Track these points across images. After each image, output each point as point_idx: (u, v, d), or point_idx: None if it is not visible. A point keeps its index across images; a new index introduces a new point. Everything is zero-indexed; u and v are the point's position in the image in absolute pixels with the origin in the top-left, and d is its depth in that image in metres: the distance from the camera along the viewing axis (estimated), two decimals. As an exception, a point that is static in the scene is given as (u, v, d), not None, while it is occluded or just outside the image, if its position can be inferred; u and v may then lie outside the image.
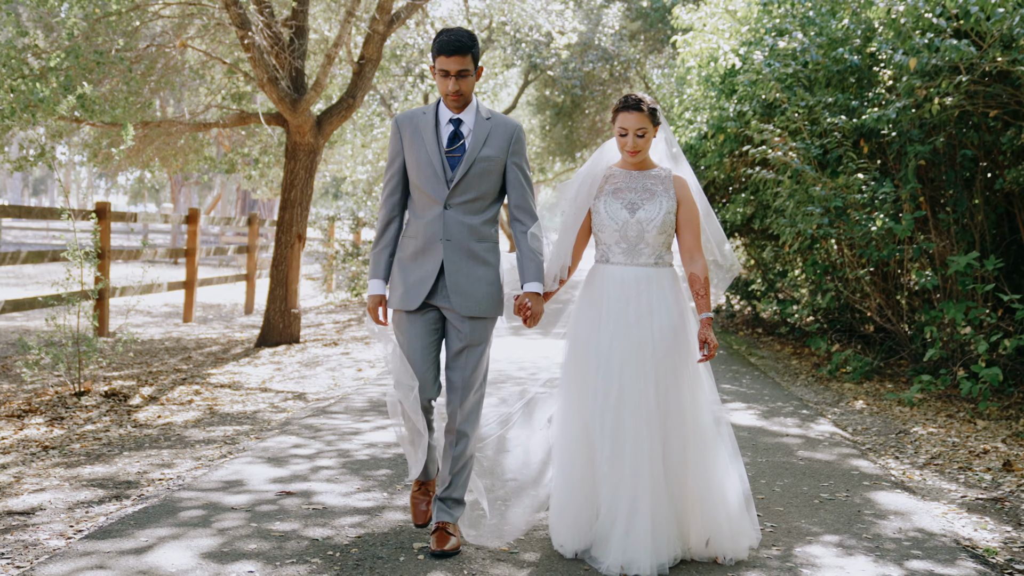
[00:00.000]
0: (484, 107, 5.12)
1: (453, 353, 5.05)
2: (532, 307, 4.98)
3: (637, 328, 4.94)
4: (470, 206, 5.00)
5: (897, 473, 7.00)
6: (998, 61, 8.94)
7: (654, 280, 5.03)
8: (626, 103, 5.01)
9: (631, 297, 4.99)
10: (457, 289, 4.97)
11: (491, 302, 5.05)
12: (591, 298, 5.11)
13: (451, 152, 4.99)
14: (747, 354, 13.38)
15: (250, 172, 17.50)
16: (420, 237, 5.02)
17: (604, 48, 27.47)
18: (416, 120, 5.06)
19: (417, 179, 5.03)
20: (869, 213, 10.33)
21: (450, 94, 4.94)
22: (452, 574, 4.68)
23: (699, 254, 5.10)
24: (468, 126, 5.02)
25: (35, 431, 7.80)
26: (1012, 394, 9.77)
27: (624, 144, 5.04)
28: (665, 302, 5.00)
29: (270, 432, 7.79)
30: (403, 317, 5.04)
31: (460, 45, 4.84)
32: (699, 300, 5.03)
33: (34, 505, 5.72)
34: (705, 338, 4.91)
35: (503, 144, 5.02)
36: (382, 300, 5.14)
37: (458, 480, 5.13)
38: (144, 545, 4.90)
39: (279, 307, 13.22)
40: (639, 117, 4.98)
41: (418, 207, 5.07)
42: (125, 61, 12.32)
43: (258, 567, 4.67)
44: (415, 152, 5.01)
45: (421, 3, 13.41)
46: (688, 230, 5.10)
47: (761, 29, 12.83)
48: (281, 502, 5.75)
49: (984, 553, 5.21)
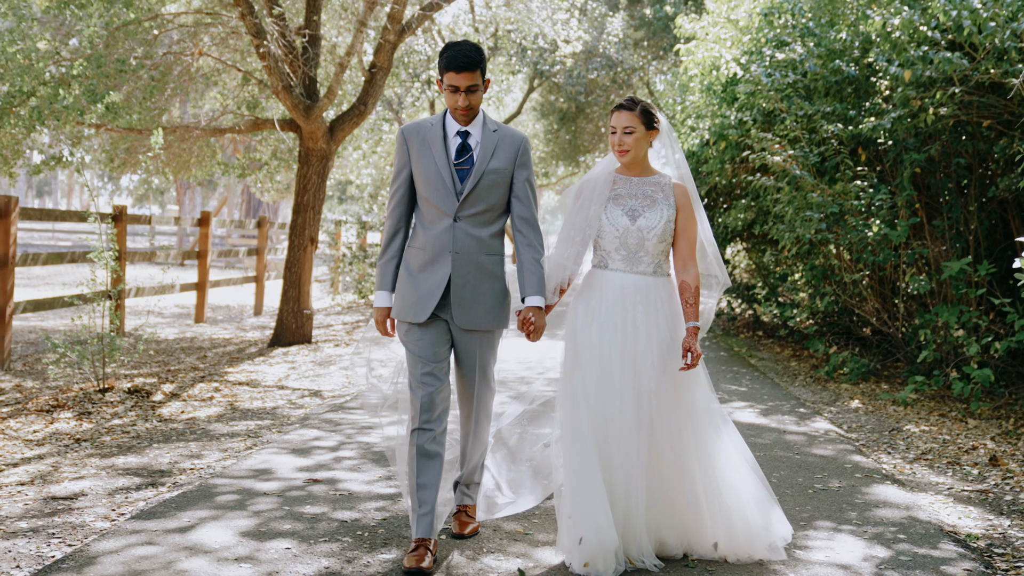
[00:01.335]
0: (490, 119, 5.16)
1: (460, 362, 5.18)
2: (535, 322, 5.01)
3: (634, 337, 4.96)
4: (479, 218, 5.02)
5: (888, 467, 7.36)
6: (991, 73, 9.29)
7: (652, 289, 5.05)
8: (620, 103, 5.11)
9: (629, 305, 5.01)
10: (460, 303, 5.01)
11: (493, 316, 5.11)
12: (588, 304, 5.10)
13: (460, 164, 5.00)
14: (748, 356, 13.74)
15: (259, 176, 17.90)
16: (429, 249, 5.03)
17: (608, 56, 27.88)
18: (423, 131, 5.06)
19: (425, 191, 5.03)
20: (866, 219, 10.70)
21: (459, 109, 4.97)
22: (474, 551, 5.05)
23: (692, 263, 5.11)
24: (476, 138, 5.04)
25: (65, 425, 8.17)
26: (1003, 394, 10.12)
27: (613, 142, 5.11)
28: (663, 311, 5.04)
29: (291, 426, 8.17)
30: (412, 328, 5.06)
31: (468, 61, 4.87)
32: (687, 308, 5.04)
33: (76, 491, 6.09)
34: (689, 347, 4.91)
35: (511, 156, 5.06)
36: (389, 312, 5.17)
37: (476, 467, 5.40)
38: (187, 525, 5.29)
39: (292, 308, 13.59)
40: (628, 116, 5.04)
41: (426, 218, 5.07)
42: (145, 69, 12.70)
43: (294, 544, 5.06)
44: (423, 164, 5.01)
45: (431, 13, 13.78)
46: (684, 238, 5.13)
47: (762, 39, 13.19)
48: (309, 488, 6.14)
49: (966, 538, 5.58)
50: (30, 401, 9.06)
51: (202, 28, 14.19)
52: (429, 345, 5.02)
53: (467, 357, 5.16)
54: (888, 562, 5.08)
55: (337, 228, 23.33)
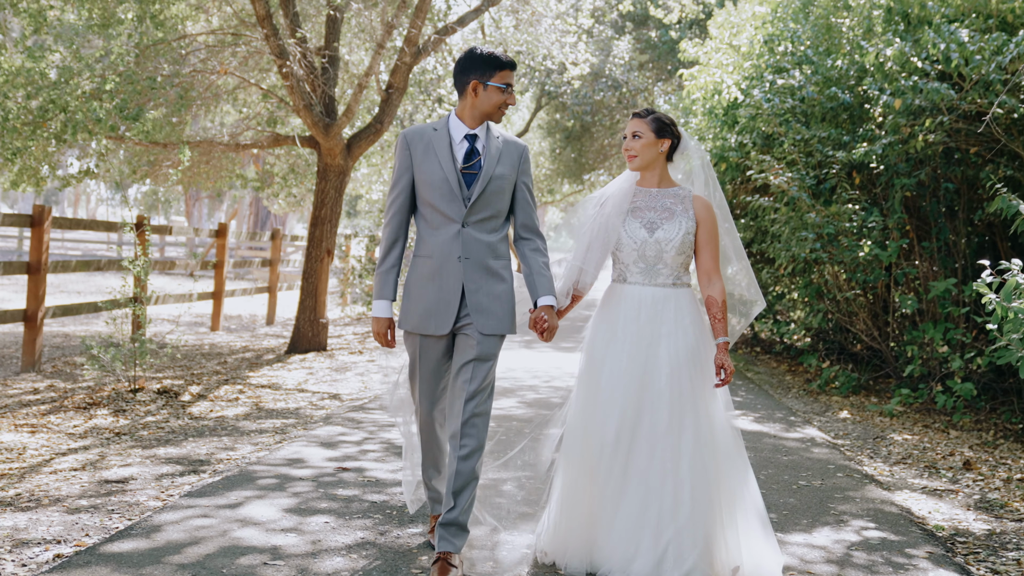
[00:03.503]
0: (494, 125, 5.17)
1: (461, 365, 4.95)
2: (548, 320, 4.97)
3: (654, 348, 4.94)
4: (486, 224, 5.00)
5: (869, 469, 7.95)
6: (977, 103, 9.87)
7: (671, 300, 5.02)
8: (635, 111, 5.19)
9: (648, 318, 4.99)
10: (478, 308, 4.94)
11: (509, 320, 5.04)
12: (607, 317, 5.09)
13: (467, 169, 4.97)
14: (744, 370, 14.32)
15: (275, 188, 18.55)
16: (435, 257, 4.97)
17: (614, 77, 28.58)
18: (427, 136, 5.02)
19: (430, 197, 4.97)
20: (858, 240, 11.30)
21: (502, 107, 5.04)
22: (491, 528, 5.62)
23: (717, 276, 5.08)
24: (482, 142, 5.03)
25: (103, 421, 8.75)
26: (984, 408, 10.70)
27: (624, 148, 5.17)
28: (683, 323, 4.99)
29: (315, 424, 8.76)
30: (421, 340, 5.02)
31: (513, 60, 5.03)
32: (716, 324, 5.02)
33: (125, 476, 6.69)
34: (722, 363, 4.92)
35: (514, 162, 5.07)
36: (390, 323, 5.09)
37: (462, 502, 4.86)
38: (235, 502, 5.90)
39: (308, 317, 14.19)
40: (638, 122, 5.11)
41: (431, 225, 5.01)
42: (174, 86, 13.35)
43: (331, 519, 5.68)
44: (428, 169, 4.96)
45: (445, 36, 14.41)
46: (707, 251, 5.10)
47: (763, 64, 13.80)
48: (339, 476, 6.75)
49: (933, 528, 6.18)
50: (66, 399, 9.64)
51: (226, 47, 14.82)
52: (433, 360, 5.02)
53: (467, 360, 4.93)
54: (858, 544, 5.69)
55: (347, 242, 23.98)
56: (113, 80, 12.89)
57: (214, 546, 5.10)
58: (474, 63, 4.97)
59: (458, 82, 5.03)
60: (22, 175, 13.71)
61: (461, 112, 5.04)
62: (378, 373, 12.42)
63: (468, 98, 4.99)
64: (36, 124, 12.85)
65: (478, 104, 4.97)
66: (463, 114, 5.03)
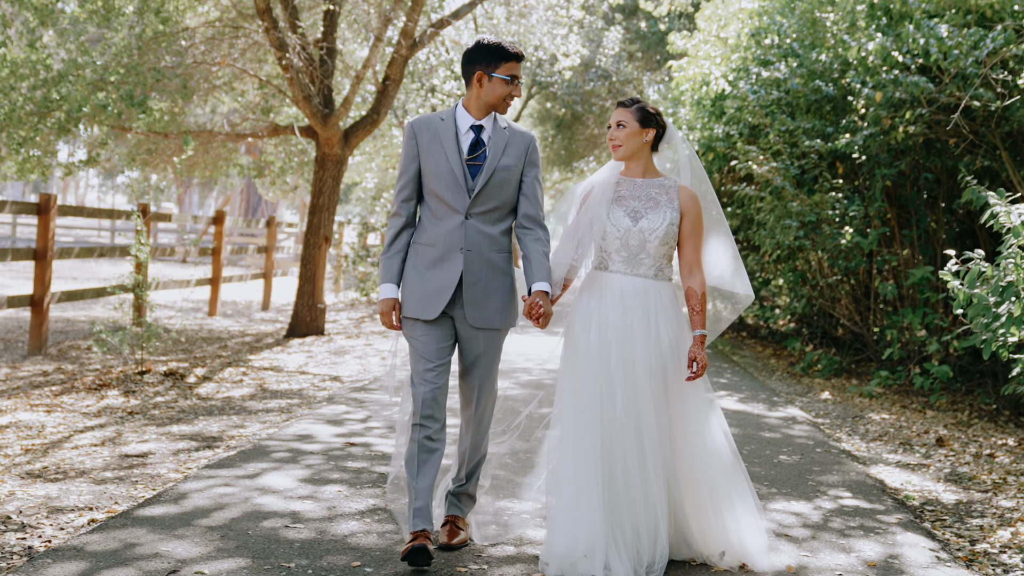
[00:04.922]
0: (501, 116, 5.15)
1: (466, 362, 5.12)
2: (543, 306, 4.92)
3: (635, 340, 4.92)
4: (490, 216, 5.01)
5: (847, 445, 8.38)
6: (956, 95, 10.26)
7: (653, 293, 5.00)
8: (619, 100, 5.21)
9: (630, 308, 4.96)
10: (472, 301, 4.99)
11: (504, 314, 5.09)
12: (588, 305, 5.07)
13: (472, 160, 4.99)
14: (730, 354, 14.75)
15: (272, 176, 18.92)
16: (438, 246, 5.01)
17: (604, 67, 28.98)
18: (434, 126, 5.03)
19: (435, 187, 5.00)
20: (840, 228, 11.72)
21: (507, 99, 5.05)
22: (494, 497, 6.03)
23: (698, 269, 5.06)
24: (488, 133, 5.04)
25: (114, 401, 9.12)
26: (960, 389, 11.14)
27: (608, 137, 5.14)
28: (666, 316, 4.99)
29: (319, 404, 9.15)
30: (418, 324, 5.04)
31: (520, 52, 5.04)
32: (694, 316, 4.98)
33: (144, 451, 7.07)
34: (695, 356, 4.89)
35: (520, 153, 5.06)
36: (395, 304, 5.09)
37: (473, 477, 5.29)
38: (253, 473, 6.31)
39: (307, 302, 14.56)
40: (623, 111, 5.07)
41: (436, 215, 5.04)
42: (177, 77, 13.70)
43: (344, 488, 6.11)
44: (434, 159, 4.99)
45: (440, 29, 14.76)
46: (690, 243, 5.07)
47: (749, 57, 14.19)
48: (348, 450, 7.17)
49: (904, 498, 6.62)
50: (76, 381, 10.01)
51: (225, 39, 15.16)
52: (434, 342, 5.00)
53: (473, 356, 5.11)
54: (833, 512, 6.12)
55: (340, 229, 24.33)
56: (117, 71, 13.22)
57: (238, 511, 5.51)
58: (480, 54, 4.99)
59: (465, 72, 5.05)
60: (27, 164, 14.05)
61: (467, 102, 5.06)
62: (375, 356, 12.82)
63: (474, 88, 5.01)
64: (41, 114, 13.19)
65: (483, 95, 4.99)
66: (469, 104, 5.05)
